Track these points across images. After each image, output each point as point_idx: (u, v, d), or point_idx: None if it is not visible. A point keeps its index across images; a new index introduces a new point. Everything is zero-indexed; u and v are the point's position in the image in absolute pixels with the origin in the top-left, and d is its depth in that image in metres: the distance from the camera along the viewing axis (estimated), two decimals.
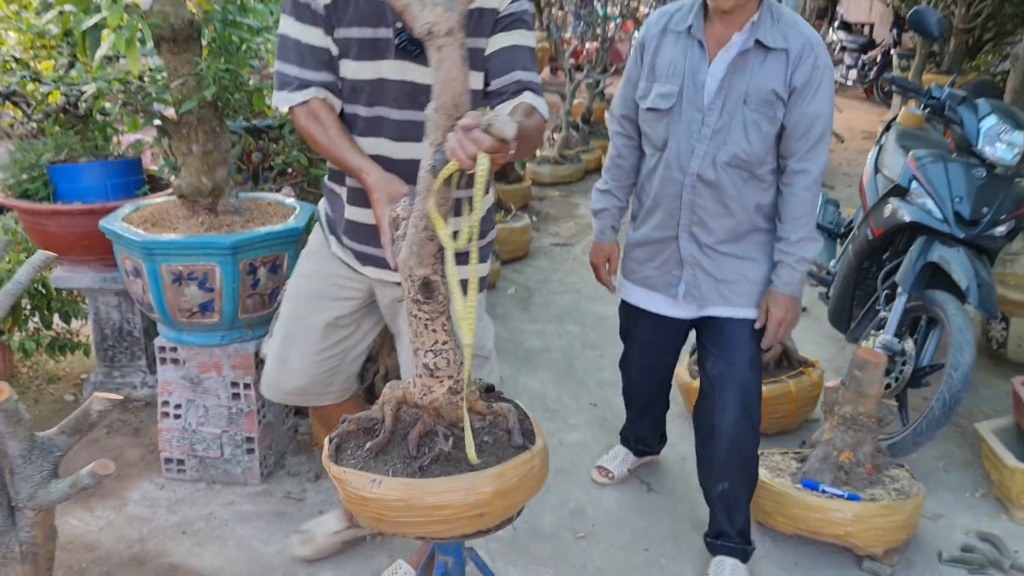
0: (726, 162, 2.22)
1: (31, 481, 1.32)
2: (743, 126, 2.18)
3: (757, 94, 2.16)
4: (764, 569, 2.59)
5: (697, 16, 2.21)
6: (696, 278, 2.36)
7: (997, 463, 2.82)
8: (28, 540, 1.34)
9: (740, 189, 2.25)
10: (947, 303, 2.99)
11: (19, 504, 1.33)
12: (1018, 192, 3.19)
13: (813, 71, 2.14)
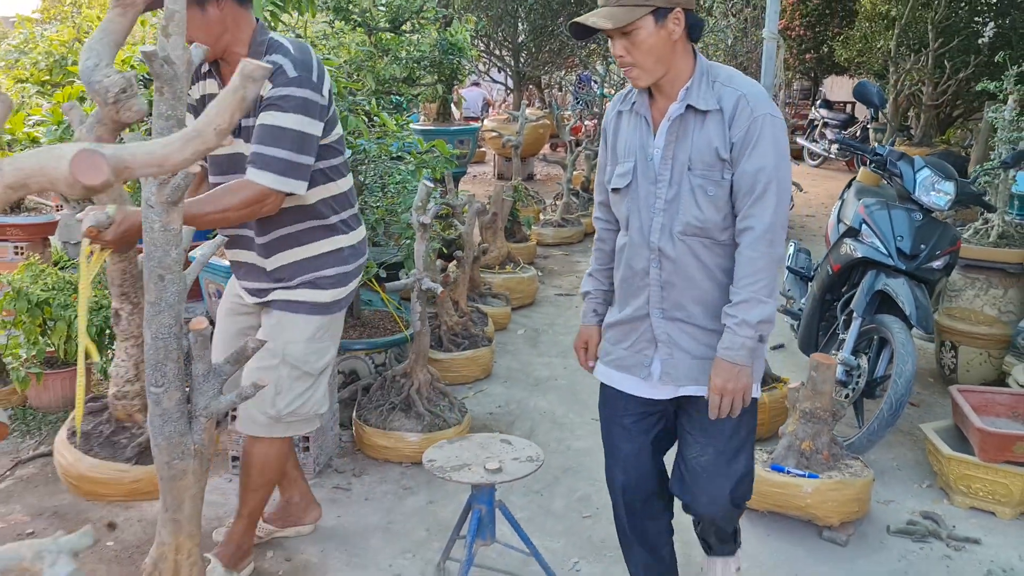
0: (681, 232, 2.13)
1: (207, 395, 1.84)
2: (691, 193, 2.11)
3: (700, 159, 2.09)
4: (742, 541, 3.08)
5: (641, 93, 2.20)
6: (673, 356, 2.21)
7: (937, 454, 3.34)
8: (199, 441, 1.85)
9: (704, 258, 2.15)
10: (893, 324, 3.56)
11: (196, 413, 1.85)
12: (951, 232, 3.80)
13: (750, 124, 2.04)
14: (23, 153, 0.79)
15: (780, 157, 2.06)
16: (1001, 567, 2.93)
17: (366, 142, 3.88)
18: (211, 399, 1.82)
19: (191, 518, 1.87)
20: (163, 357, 1.76)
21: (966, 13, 9.79)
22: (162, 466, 1.80)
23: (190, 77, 1.58)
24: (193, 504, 1.87)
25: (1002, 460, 3.14)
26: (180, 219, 1.66)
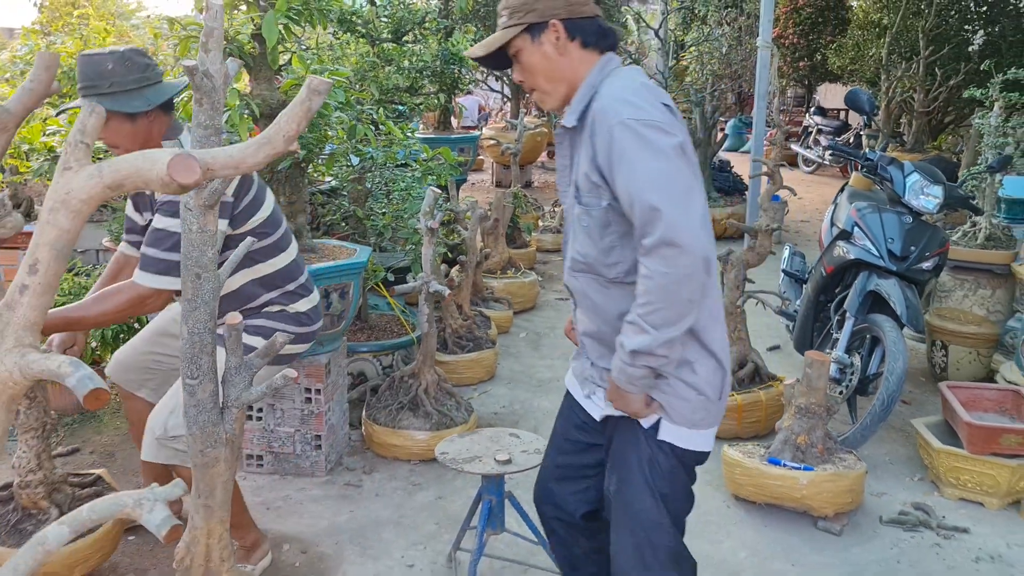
0: (570, 268, 1.98)
1: (238, 387, 1.95)
2: (574, 223, 1.93)
3: (582, 185, 1.87)
4: (740, 531, 3.21)
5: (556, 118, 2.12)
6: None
7: (927, 448, 3.46)
8: (230, 430, 1.97)
9: (596, 298, 1.94)
10: (884, 323, 3.69)
11: (228, 403, 1.96)
12: (940, 235, 3.93)
13: (609, 137, 1.76)
14: (120, 158, 0.91)
15: (646, 166, 1.72)
16: (989, 554, 3.05)
17: (373, 150, 4.01)
18: (242, 390, 1.93)
19: (222, 504, 1.98)
20: (198, 351, 1.87)
21: (956, 21, 9.97)
22: (196, 454, 1.91)
23: (227, 90, 1.70)
24: (224, 490, 1.98)
25: (989, 452, 3.26)
26: (216, 221, 1.78)
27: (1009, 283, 4.39)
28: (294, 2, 3.08)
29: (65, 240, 0.92)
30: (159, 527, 0.87)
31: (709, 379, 1.89)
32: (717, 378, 1.90)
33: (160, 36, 4.35)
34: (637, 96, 1.80)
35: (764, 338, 5.25)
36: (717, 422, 1.96)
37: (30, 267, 0.92)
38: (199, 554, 2.02)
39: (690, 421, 1.89)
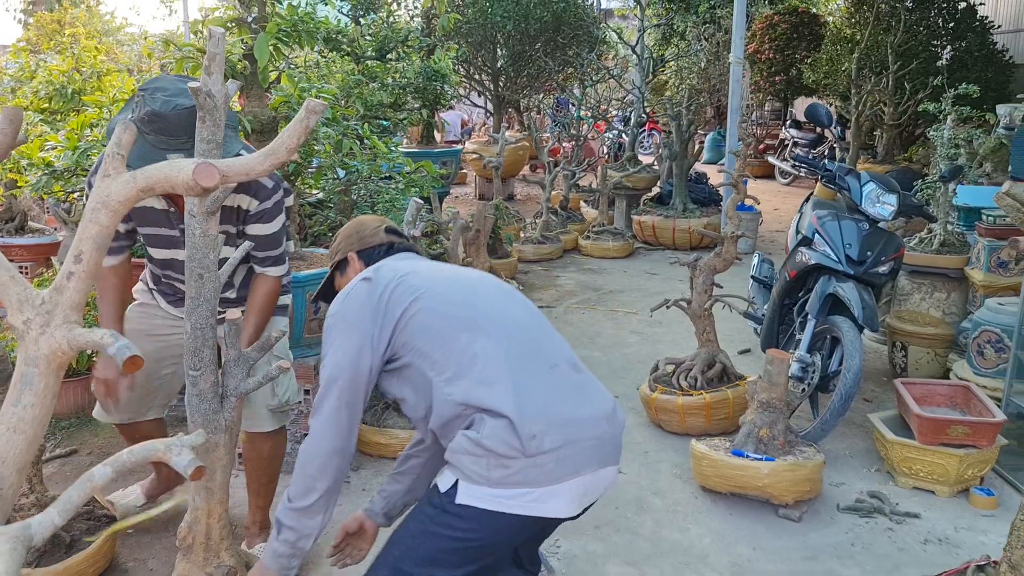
0: None
1: (236, 377, 2.14)
2: None
3: None
4: (707, 519, 3.41)
5: None
6: None
7: (882, 439, 3.68)
8: (229, 418, 2.15)
9: None
10: (843, 324, 3.91)
11: (227, 393, 2.14)
12: (896, 241, 4.17)
13: None
14: (151, 166, 1.11)
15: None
16: (937, 537, 3.26)
17: (359, 163, 4.21)
18: (240, 381, 2.12)
19: (222, 486, 2.17)
20: (200, 344, 2.06)
21: (924, 37, 10.27)
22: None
23: (226, 108, 1.89)
24: (224, 474, 2.16)
25: (939, 443, 3.48)
26: (217, 226, 1.97)
27: (963, 286, 4.63)
28: (284, 24, 3.28)
29: (105, 235, 1.11)
30: (186, 467, 1.06)
31: (497, 435, 1.86)
32: (507, 435, 1.85)
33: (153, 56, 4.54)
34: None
35: (736, 342, 5.46)
36: (537, 482, 1.87)
37: (75, 257, 1.11)
38: (200, 533, 2.20)
39: (487, 479, 1.87)
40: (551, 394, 1.96)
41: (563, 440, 1.89)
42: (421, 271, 2.14)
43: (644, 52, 9.74)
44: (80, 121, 4.00)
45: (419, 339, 2.00)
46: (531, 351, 2.01)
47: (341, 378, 1.99)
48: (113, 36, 18.08)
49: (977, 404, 3.69)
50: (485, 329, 1.99)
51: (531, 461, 1.86)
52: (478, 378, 1.93)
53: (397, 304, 2.03)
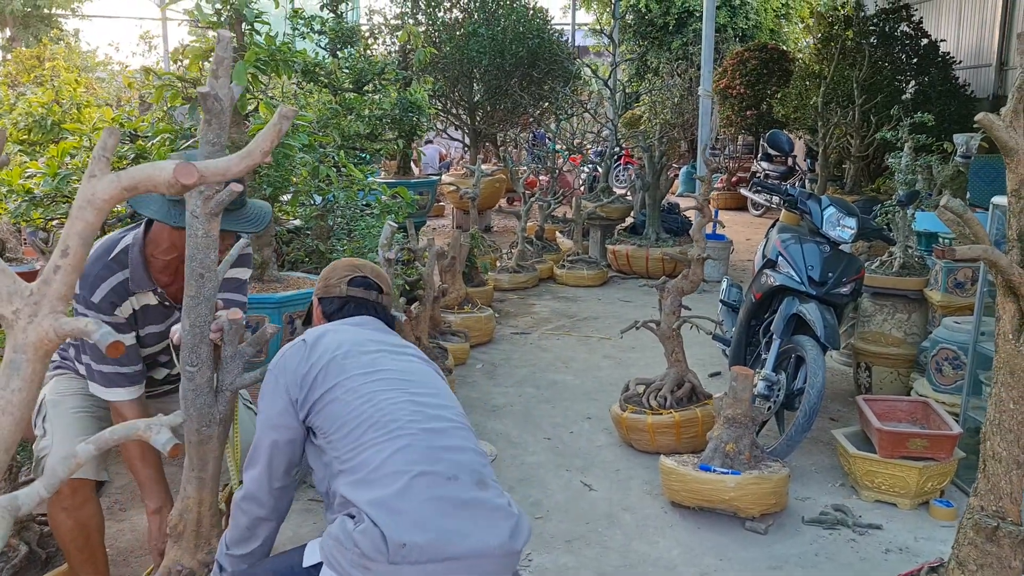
0: None
1: (232, 373, 2.22)
2: None
3: None
4: (675, 532, 3.48)
5: None
6: None
7: (845, 454, 3.78)
8: (223, 412, 2.22)
9: None
10: (806, 343, 4.03)
11: (222, 388, 2.22)
12: (856, 262, 4.31)
13: None
14: (134, 167, 1.21)
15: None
16: (898, 547, 3.36)
17: (335, 190, 4.31)
18: (236, 376, 2.22)
19: (213, 476, 2.26)
20: (198, 341, 2.15)
21: (889, 72, 10.58)
22: (192, 432, 2.19)
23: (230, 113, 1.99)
24: (215, 464, 2.25)
25: (899, 455, 3.59)
26: (218, 228, 2.07)
27: (923, 307, 4.78)
28: (262, 54, 3.39)
29: (90, 231, 1.19)
30: (164, 445, 1.14)
31: (368, 536, 1.84)
32: (377, 539, 1.83)
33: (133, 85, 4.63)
34: None
35: (707, 366, 5.57)
36: None
37: (62, 252, 1.19)
38: (191, 521, 2.27)
39: (347, 572, 1.87)
40: (436, 509, 1.89)
41: (431, 557, 1.83)
42: (354, 353, 2.14)
43: (616, 87, 9.96)
44: (60, 149, 4.08)
45: (329, 425, 2.04)
46: (433, 460, 1.96)
47: (268, 439, 2.11)
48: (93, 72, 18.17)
49: (936, 419, 3.81)
50: (392, 433, 1.98)
51: (393, 569, 1.82)
52: (366, 479, 1.93)
53: (319, 385, 2.08)
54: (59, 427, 2.64)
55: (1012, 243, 2.29)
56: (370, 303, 2.39)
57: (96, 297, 2.50)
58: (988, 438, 2.29)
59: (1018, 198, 2.29)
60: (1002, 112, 2.32)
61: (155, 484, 2.62)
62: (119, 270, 2.53)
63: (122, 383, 2.58)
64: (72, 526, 2.57)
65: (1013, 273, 2.19)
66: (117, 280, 2.52)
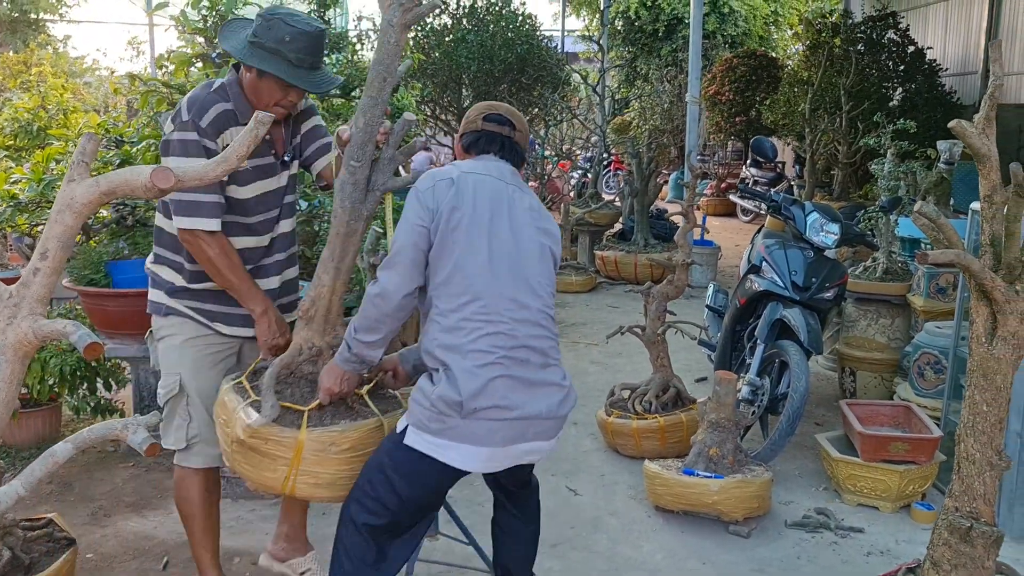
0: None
1: (385, 175, 2.40)
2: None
3: None
4: (659, 537, 3.50)
5: None
6: None
7: (828, 458, 3.81)
8: (370, 210, 2.41)
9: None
10: (790, 348, 4.06)
11: (374, 187, 2.39)
12: (840, 268, 4.35)
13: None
14: (112, 172, 1.22)
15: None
16: (879, 549, 3.39)
17: (322, 196, 4.31)
18: (387, 178, 2.41)
19: (348, 268, 2.45)
20: (367, 139, 2.35)
21: (876, 79, 10.65)
22: (341, 224, 2.39)
23: None
24: (352, 258, 2.44)
25: (880, 459, 3.62)
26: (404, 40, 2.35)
27: (906, 312, 4.82)
28: None
29: (69, 235, 1.21)
30: (141, 444, 1.15)
31: (443, 394, 2.23)
32: (452, 397, 2.22)
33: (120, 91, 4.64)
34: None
35: (693, 371, 5.60)
36: (469, 440, 2.26)
37: (41, 255, 1.21)
38: (322, 307, 2.45)
39: (427, 428, 2.27)
40: (505, 385, 2.26)
41: (494, 417, 2.25)
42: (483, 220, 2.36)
43: (605, 93, 10.01)
44: (46, 154, 4.09)
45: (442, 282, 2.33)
46: (513, 347, 2.30)
47: (409, 244, 2.32)
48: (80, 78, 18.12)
49: (917, 423, 3.84)
50: (489, 318, 2.30)
51: (464, 423, 2.23)
52: (456, 346, 2.27)
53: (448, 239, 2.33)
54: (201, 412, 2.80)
55: (986, 248, 2.32)
56: (503, 136, 2.56)
57: (204, 121, 2.59)
58: (962, 440, 2.32)
59: (991, 203, 2.32)
60: (975, 119, 2.36)
61: (254, 289, 2.71)
62: (221, 100, 2.65)
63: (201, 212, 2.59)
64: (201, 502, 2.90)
65: (985, 277, 2.22)
66: (221, 108, 2.63)
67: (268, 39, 2.57)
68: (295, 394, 2.46)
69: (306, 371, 2.51)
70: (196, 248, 2.63)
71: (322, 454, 2.35)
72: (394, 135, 2.44)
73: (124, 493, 3.87)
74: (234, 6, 3.61)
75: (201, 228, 2.60)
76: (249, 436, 2.34)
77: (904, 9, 13.01)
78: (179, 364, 2.81)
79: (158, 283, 2.82)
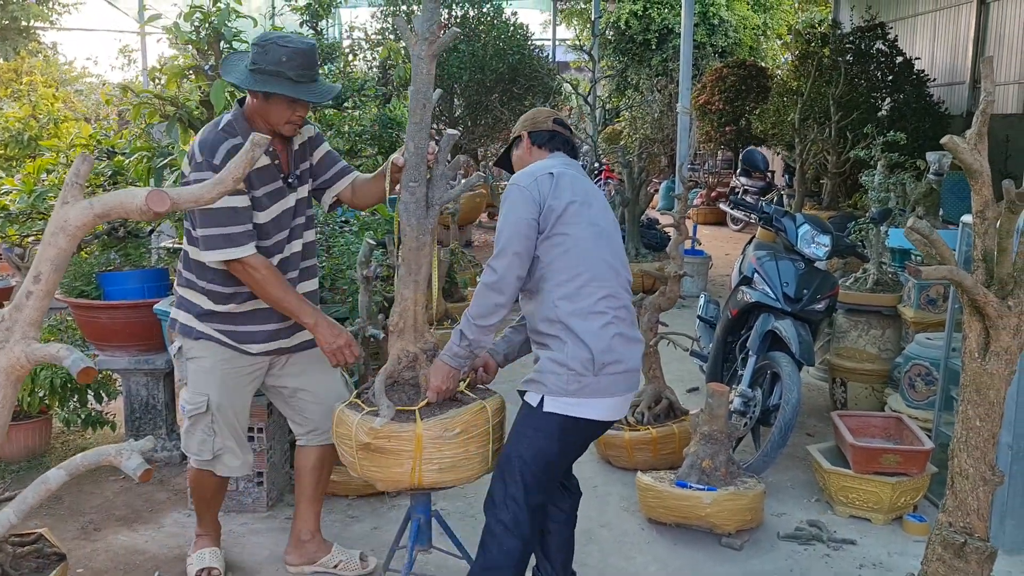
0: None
1: (440, 189, 2.59)
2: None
3: None
4: (652, 549, 3.50)
5: None
6: None
7: (819, 470, 3.82)
8: (433, 223, 2.59)
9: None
10: (782, 359, 4.07)
11: (432, 202, 2.59)
12: (831, 279, 4.36)
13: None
14: (107, 193, 1.22)
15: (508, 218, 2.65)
16: (872, 562, 3.39)
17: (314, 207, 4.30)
18: (443, 191, 2.60)
19: (425, 279, 2.62)
20: (419, 161, 2.55)
21: (864, 90, 10.71)
22: (411, 240, 2.59)
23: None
24: (427, 269, 2.63)
25: (872, 471, 3.63)
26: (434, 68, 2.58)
27: (897, 323, 4.84)
28: None
29: (63, 257, 1.20)
30: (135, 470, 1.15)
31: (576, 356, 2.58)
32: (585, 356, 2.57)
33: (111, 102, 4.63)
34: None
35: (685, 381, 5.60)
36: (600, 394, 2.62)
37: (34, 278, 1.20)
38: (409, 318, 2.64)
39: (565, 391, 2.59)
40: (620, 342, 2.64)
41: (615, 371, 2.62)
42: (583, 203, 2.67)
43: (596, 103, 10.03)
44: (37, 166, 4.07)
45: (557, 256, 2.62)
46: (621, 307, 2.69)
47: (519, 234, 2.59)
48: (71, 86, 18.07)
49: (909, 434, 3.85)
50: (603, 283, 2.65)
51: (595, 379, 2.59)
52: (581, 311, 2.60)
53: (558, 222, 2.62)
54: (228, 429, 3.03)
55: (978, 263, 2.33)
56: (566, 137, 2.92)
57: (217, 159, 2.73)
58: (955, 455, 2.33)
59: (983, 219, 2.34)
60: (967, 135, 2.38)
61: (302, 302, 2.88)
62: (230, 136, 2.80)
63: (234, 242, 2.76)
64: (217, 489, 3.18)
65: (978, 293, 2.23)
66: (231, 144, 2.77)
67: (267, 63, 2.75)
68: (402, 398, 2.68)
69: (407, 377, 2.72)
70: (244, 276, 2.81)
71: (439, 440, 2.59)
72: (441, 151, 2.66)
73: (114, 507, 3.84)
74: (227, 18, 3.61)
75: (237, 257, 2.77)
76: (373, 438, 2.58)
77: (892, 19, 13.11)
78: (208, 385, 2.97)
79: (186, 305, 2.98)
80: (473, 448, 2.69)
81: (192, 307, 2.95)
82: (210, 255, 2.79)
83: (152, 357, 4.21)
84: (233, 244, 2.77)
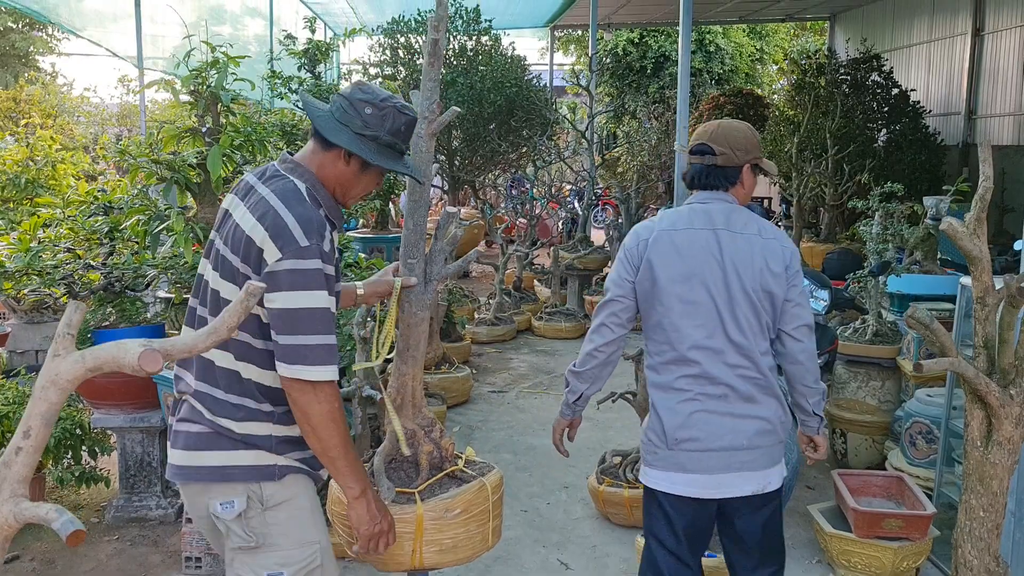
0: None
1: (438, 264, 2.55)
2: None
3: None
4: None
5: None
6: None
7: (821, 532, 3.79)
8: (431, 298, 2.54)
9: None
10: None
11: (430, 278, 2.54)
12: (830, 333, 4.35)
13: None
14: (99, 346, 1.20)
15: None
16: None
17: None
18: (440, 267, 2.58)
19: (422, 355, 2.58)
20: (418, 239, 2.55)
21: (861, 121, 10.76)
22: (410, 315, 2.55)
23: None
24: (423, 344, 2.59)
25: (874, 536, 3.60)
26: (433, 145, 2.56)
27: (896, 375, 4.82)
28: (237, 137, 3.40)
29: (53, 411, 1.18)
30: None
31: (653, 427, 2.62)
32: (658, 428, 2.58)
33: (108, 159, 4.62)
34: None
35: None
36: (677, 468, 2.57)
37: (24, 433, 1.18)
38: (408, 393, 2.59)
39: (647, 460, 2.67)
40: (703, 419, 2.54)
41: (695, 447, 2.54)
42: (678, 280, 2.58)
43: (593, 137, 10.05)
44: (33, 223, 4.05)
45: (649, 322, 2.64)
46: (709, 384, 2.55)
47: (617, 294, 2.65)
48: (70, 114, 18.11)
49: (910, 495, 3.82)
50: (690, 365, 2.56)
51: (671, 453, 2.56)
52: (663, 384, 2.60)
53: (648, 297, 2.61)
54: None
55: (979, 350, 2.32)
56: (704, 166, 2.64)
57: (326, 244, 2.15)
58: (959, 546, 2.30)
59: (983, 305, 2.33)
60: (966, 219, 2.37)
61: (357, 463, 2.23)
62: (316, 208, 2.20)
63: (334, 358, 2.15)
64: None
65: (980, 383, 2.21)
66: (320, 219, 2.19)
67: (383, 131, 2.24)
68: (401, 477, 2.59)
69: (405, 455, 2.64)
70: (316, 405, 2.12)
71: (440, 521, 2.51)
72: (440, 228, 2.61)
73: (108, 571, 3.80)
74: (224, 80, 3.61)
75: (330, 379, 2.12)
76: None
77: (887, 50, 13.17)
78: (314, 531, 2.27)
79: (253, 443, 2.21)
80: (474, 527, 2.62)
81: (263, 441, 2.21)
82: (305, 372, 2.09)
83: (147, 415, 4.18)
84: (335, 360, 2.14)
